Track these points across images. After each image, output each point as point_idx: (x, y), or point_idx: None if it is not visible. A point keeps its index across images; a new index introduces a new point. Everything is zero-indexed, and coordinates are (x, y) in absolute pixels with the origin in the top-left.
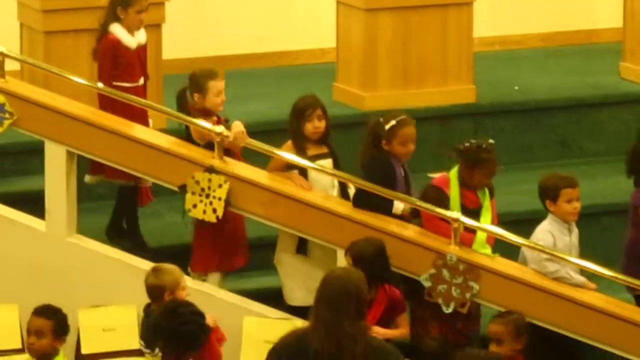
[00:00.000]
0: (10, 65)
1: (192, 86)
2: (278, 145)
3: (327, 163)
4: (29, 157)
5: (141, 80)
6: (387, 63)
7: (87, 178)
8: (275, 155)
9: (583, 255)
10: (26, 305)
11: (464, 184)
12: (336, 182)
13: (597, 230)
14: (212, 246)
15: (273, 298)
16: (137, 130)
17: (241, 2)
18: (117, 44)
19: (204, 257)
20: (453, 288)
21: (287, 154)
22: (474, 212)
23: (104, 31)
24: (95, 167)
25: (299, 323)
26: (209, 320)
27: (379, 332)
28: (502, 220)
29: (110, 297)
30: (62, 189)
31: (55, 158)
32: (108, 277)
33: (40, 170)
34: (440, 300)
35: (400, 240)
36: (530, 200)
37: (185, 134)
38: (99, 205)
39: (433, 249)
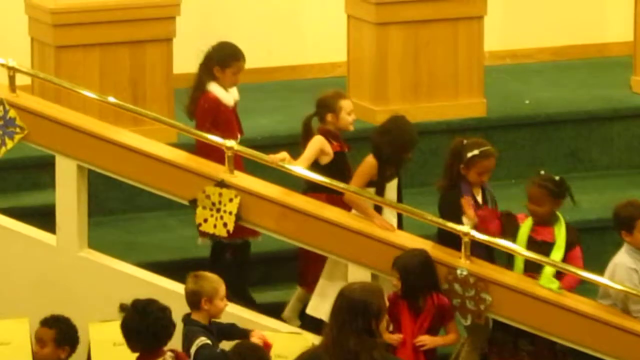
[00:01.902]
0: (21, 80)
1: (323, 108)
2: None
3: (394, 182)
4: (40, 171)
5: (238, 137)
6: (397, 77)
7: (199, 241)
8: (289, 171)
9: (593, 269)
10: (37, 319)
11: (537, 221)
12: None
13: (607, 244)
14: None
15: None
16: (148, 145)
17: (252, 15)
18: (218, 102)
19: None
20: (467, 301)
21: (302, 170)
22: (541, 245)
23: (200, 89)
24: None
25: (310, 337)
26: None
27: (428, 340)
28: None
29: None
30: (73, 203)
31: (66, 172)
32: (119, 291)
33: (51, 184)
34: (457, 314)
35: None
36: None
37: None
38: (110, 220)
39: (444, 264)
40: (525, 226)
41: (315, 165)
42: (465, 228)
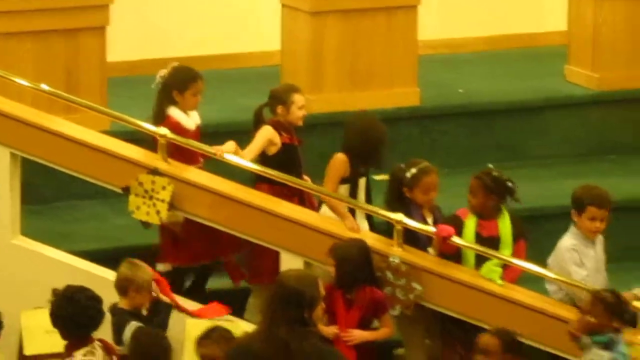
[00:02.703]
0: None
1: (275, 100)
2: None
3: (363, 181)
4: None
5: (201, 161)
6: (333, 66)
7: (160, 267)
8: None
9: (529, 258)
10: None
11: (479, 214)
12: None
13: (541, 234)
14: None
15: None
16: (82, 133)
17: (186, 4)
18: (179, 127)
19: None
20: (397, 290)
21: (244, 162)
22: (489, 241)
23: (161, 116)
24: (163, 255)
25: (242, 324)
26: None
27: (358, 335)
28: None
29: None
30: (6, 191)
31: None
32: (52, 279)
33: None
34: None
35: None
36: None
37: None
38: (44, 208)
39: (377, 251)
40: (470, 222)
41: (262, 156)
42: (397, 216)
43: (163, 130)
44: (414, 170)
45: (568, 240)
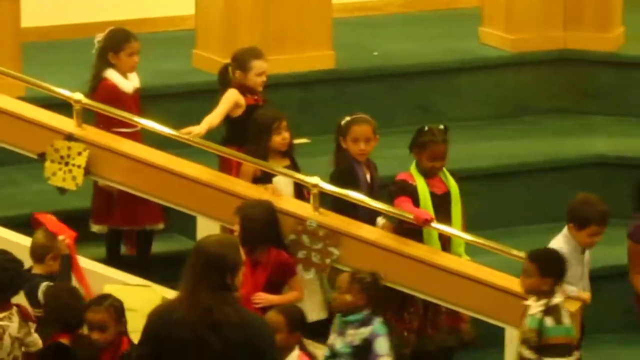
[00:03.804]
0: None
1: (235, 63)
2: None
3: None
4: None
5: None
6: (247, 29)
7: (95, 228)
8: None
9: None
10: None
11: (424, 173)
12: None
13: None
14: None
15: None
16: None
17: None
18: (115, 89)
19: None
20: (313, 254)
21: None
22: (444, 197)
23: (98, 78)
24: (97, 216)
25: (159, 290)
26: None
27: (265, 298)
28: None
29: None
30: None
31: None
32: None
33: None
34: (300, 267)
35: None
36: (390, 165)
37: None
38: None
39: (293, 215)
40: (422, 184)
41: (227, 118)
42: (314, 179)
43: (77, 96)
44: (347, 119)
45: (563, 246)
